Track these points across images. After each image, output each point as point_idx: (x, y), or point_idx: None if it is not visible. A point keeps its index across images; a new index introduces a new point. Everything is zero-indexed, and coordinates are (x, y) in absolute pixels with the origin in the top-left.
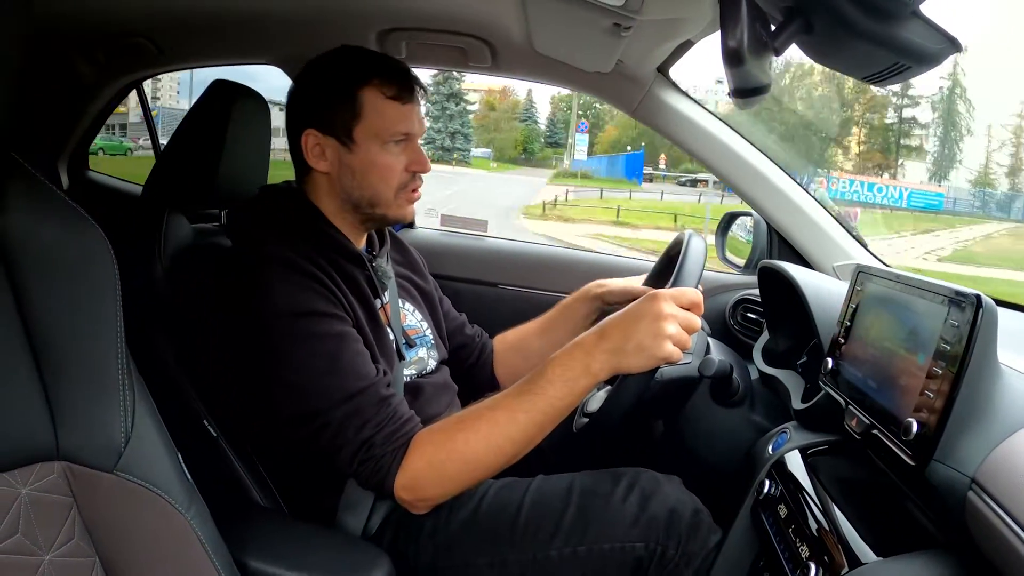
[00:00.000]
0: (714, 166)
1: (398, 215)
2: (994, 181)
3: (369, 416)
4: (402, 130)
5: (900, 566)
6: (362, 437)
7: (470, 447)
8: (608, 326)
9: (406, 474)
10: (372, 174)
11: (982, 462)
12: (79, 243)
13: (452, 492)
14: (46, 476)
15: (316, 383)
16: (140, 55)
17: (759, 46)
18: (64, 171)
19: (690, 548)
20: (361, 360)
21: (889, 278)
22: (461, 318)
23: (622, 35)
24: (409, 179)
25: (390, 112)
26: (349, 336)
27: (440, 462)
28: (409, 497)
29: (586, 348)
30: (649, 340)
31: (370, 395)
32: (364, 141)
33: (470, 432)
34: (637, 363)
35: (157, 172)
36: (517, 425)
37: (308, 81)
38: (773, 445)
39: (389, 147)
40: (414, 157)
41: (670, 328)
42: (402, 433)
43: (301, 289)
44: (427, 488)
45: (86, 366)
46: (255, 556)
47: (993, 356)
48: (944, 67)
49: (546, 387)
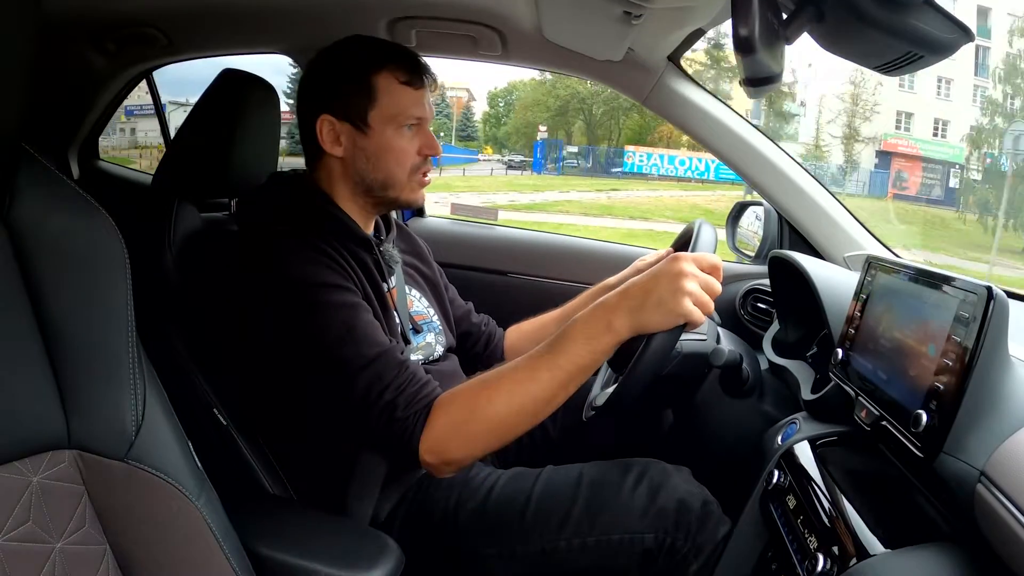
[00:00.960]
0: (725, 155)
1: (410, 198)
2: (826, 154)
3: (389, 380)
4: (415, 114)
5: (908, 558)
6: (384, 401)
7: (493, 407)
8: (630, 285)
9: (430, 436)
10: (387, 158)
11: (991, 455)
12: (90, 232)
13: (477, 454)
14: (57, 464)
15: (334, 352)
16: (150, 45)
17: (770, 35)
18: (75, 161)
19: (699, 539)
20: (375, 329)
21: (900, 269)
22: (467, 306)
23: (632, 23)
24: (422, 162)
25: (404, 97)
26: (361, 307)
27: (464, 423)
28: (434, 460)
29: (608, 307)
30: (669, 296)
31: (388, 360)
32: (379, 125)
33: (493, 392)
34: (658, 319)
35: (167, 161)
36: (540, 384)
37: (321, 69)
38: (782, 436)
39: (403, 131)
40: (426, 141)
41: (690, 285)
42: (423, 395)
43: (311, 262)
44: (452, 450)
45: (97, 354)
46: (265, 544)
47: (1004, 349)
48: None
49: (568, 346)
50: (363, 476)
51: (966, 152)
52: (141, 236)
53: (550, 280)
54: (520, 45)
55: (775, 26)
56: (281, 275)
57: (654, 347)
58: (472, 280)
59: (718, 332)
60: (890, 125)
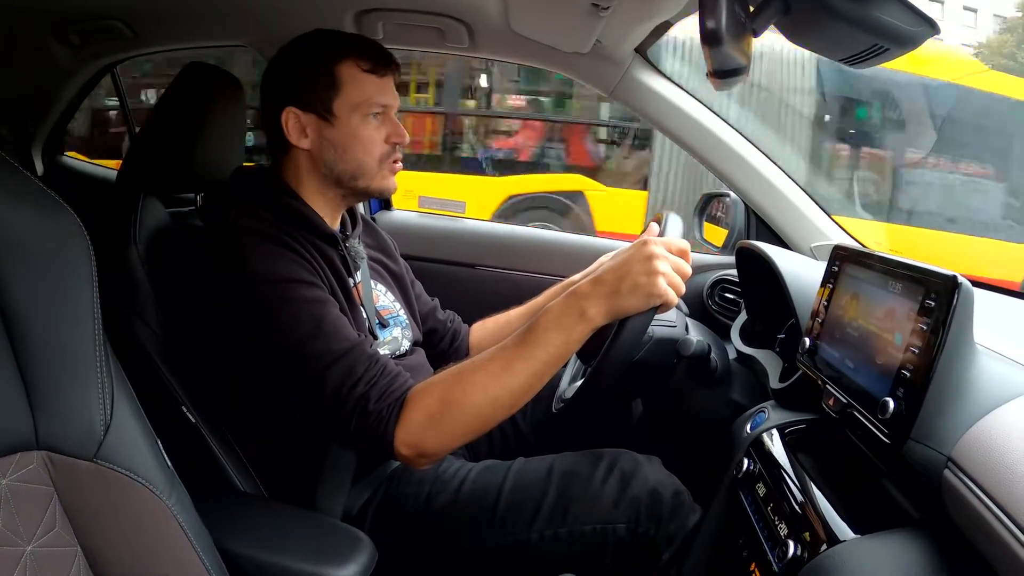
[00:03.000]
0: (692, 146)
1: (382, 186)
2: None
3: (361, 374)
4: (381, 101)
5: (878, 543)
6: (357, 394)
7: (468, 399)
8: (602, 272)
9: (405, 429)
10: (355, 147)
11: (958, 441)
12: (54, 229)
13: (452, 445)
14: (26, 466)
15: (303, 348)
16: (115, 38)
17: (738, 27)
18: (38, 157)
19: (671, 528)
20: (343, 323)
21: (867, 258)
22: (433, 302)
23: (600, 15)
24: (390, 150)
25: (368, 85)
26: (329, 302)
27: (439, 415)
28: (410, 453)
29: (581, 295)
30: (643, 279)
31: (359, 354)
32: (345, 115)
33: (467, 384)
34: (633, 303)
35: (131, 156)
36: (514, 375)
37: (284, 61)
38: (751, 424)
39: (369, 120)
40: (393, 129)
41: (663, 266)
42: (396, 387)
43: (278, 258)
44: (427, 443)
45: (63, 353)
46: (237, 542)
47: (969, 337)
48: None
49: (542, 335)
50: (334, 471)
51: None
52: (106, 232)
53: (518, 272)
54: (487, 37)
55: (742, 18)
56: (248, 272)
57: (629, 328)
58: (439, 273)
59: (686, 322)
60: None
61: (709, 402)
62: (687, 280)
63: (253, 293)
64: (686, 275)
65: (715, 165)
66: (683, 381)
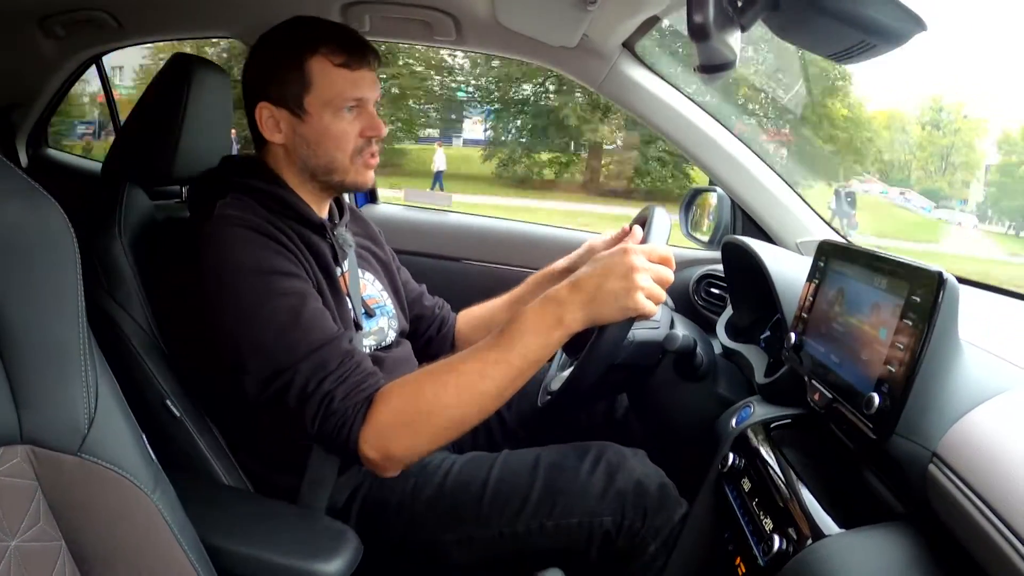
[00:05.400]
0: (679, 142)
1: (356, 180)
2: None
3: (331, 369)
4: (353, 95)
5: (863, 537)
6: (323, 391)
7: (440, 401)
8: (581, 277)
9: (371, 430)
10: (326, 142)
11: (943, 436)
12: (38, 222)
13: (421, 451)
14: (10, 460)
15: (280, 339)
16: (100, 29)
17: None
18: (23, 149)
19: (657, 521)
20: (323, 317)
21: (852, 254)
22: (420, 289)
23: (588, 9)
24: (364, 144)
25: (339, 79)
26: (310, 295)
27: (408, 417)
28: (376, 456)
29: (559, 300)
30: (622, 291)
31: (333, 349)
32: (316, 111)
33: (439, 386)
34: (610, 313)
35: (116, 148)
36: (488, 379)
37: (258, 55)
38: (737, 419)
39: (341, 114)
40: (368, 122)
41: (642, 279)
42: (365, 387)
43: (261, 248)
44: (394, 446)
45: (47, 347)
46: (222, 536)
47: (954, 332)
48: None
49: (518, 339)
50: (318, 465)
51: None
52: (91, 224)
53: (503, 266)
54: (474, 30)
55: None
56: (229, 262)
57: (606, 337)
58: (425, 266)
59: (672, 317)
60: None
61: (695, 397)
62: (669, 287)
63: (233, 283)
64: (667, 283)
65: (702, 160)
66: (669, 376)
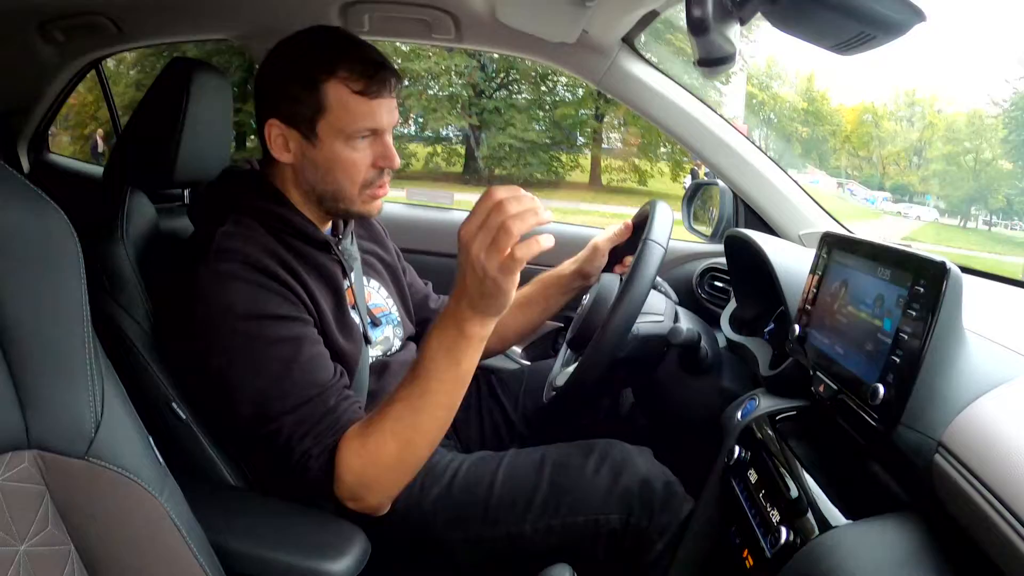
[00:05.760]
0: (680, 136)
1: (362, 211)
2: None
3: (310, 427)
4: (368, 126)
5: (869, 528)
6: (302, 449)
7: (385, 449)
8: (457, 286)
9: (342, 486)
10: (336, 170)
11: (948, 426)
12: (41, 227)
13: (392, 491)
14: (18, 465)
15: (269, 389)
16: (100, 33)
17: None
18: (24, 154)
19: (663, 518)
20: (315, 365)
21: (855, 245)
22: (426, 290)
23: (587, 5)
24: (376, 175)
25: (356, 108)
26: (306, 339)
27: (363, 470)
28: (357, 507)
29: (450, 313)
30: (481, 275)
31: (318, 404)
32: (328, 137)
33: (378, 435)
34: (495, 303)
35: (117, 153)
36: (419, 413)
37: (272, 69)
38: (742, 412)
39: (354, 143)
40: (382, 152)
41: (478, 253)
42: (328, 443)
43: (258, 289)
44: (367, 497)
45: (53, 352)
46: (230, 537)
47: (958, 322)
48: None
49: (430, 366)
50: None
51: None
52: (93, 229)
53: None
54: (474, 28)
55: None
56: (224, 306)
57: (610, 331)
58: (429, 265)
59: (676, 311)
60: None
61: (699, 390)
62: (668, 272)
63: (227, 329)
64: (509, 230)
65: (703, 154)
66: (673, 370)
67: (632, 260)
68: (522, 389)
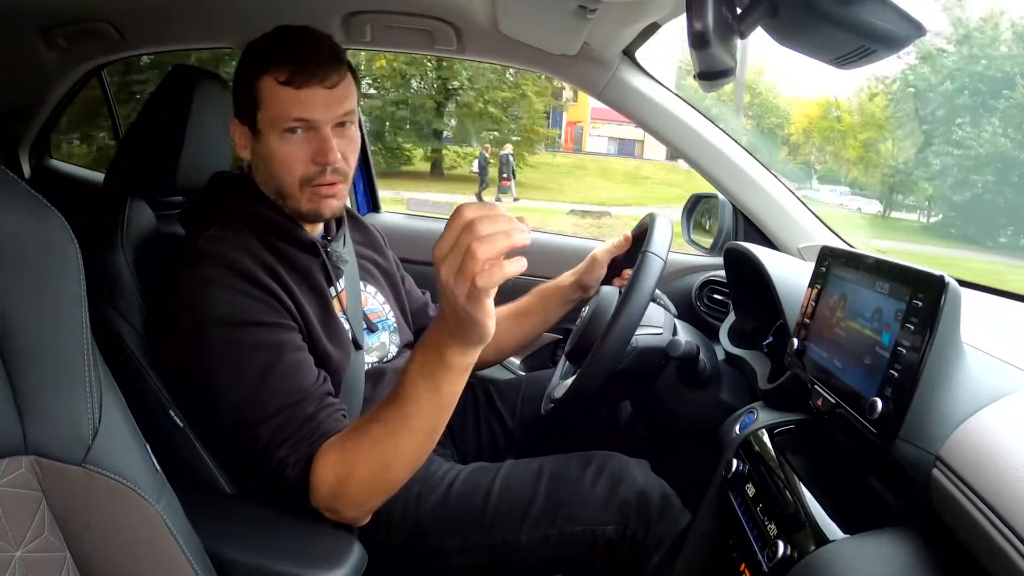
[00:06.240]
0: (680, 148)
1: (310, 209)
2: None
3: (288, 435)
4: (295, 115)
5: (867, 542)
6: (278, 457)
7: (361, 468)
8: (439, 311)
9: (317, 497)
10: (273, 164)
11: (946, 440)
12: (42, 233)
13: (368, 506)
14: (14, 471)
15: (249, 395)
16: (102, 40)
17: (725, 29)
18: (26, 160)
19: (660, 530)
20: (297, 371)
21: (854, 259)
22: (424, 298)
23: (588, 17)
24: (317, 172)
25: (282, 98)
26: (288, 345)
27: (338, 485)
28: (335, 518)
29: (432, 338)
30: (456, 306)
31: (297, 411)
32: (265, 130)
33: (355, 452)
34: (474, 332)
35: (119, 160)
36: (397, 436)
37: (236, 70)
38: (740, 425)
39: (287, 136)
40: (319, 146)
41: (448, 280)
42: (303, 454)
43: (240, 295)
44: (342, 511)
45: (51, 357)
46: (226, 545)
47: (957, 336)
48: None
49: (410, 389)
50: None
51: None
52: (94, 235)
53: None
54: (475, 39)
55: (729, 20)
56: (204, 313)
57: (609, 343)
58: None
59: (675, 323)
60: None
61: (698, 403)
62: (667, 285)
63: (207, 335)
64: (490, 249)
65: (703, 166)
66: (672, 382)
67: (631, 272)
68: (519, 399)
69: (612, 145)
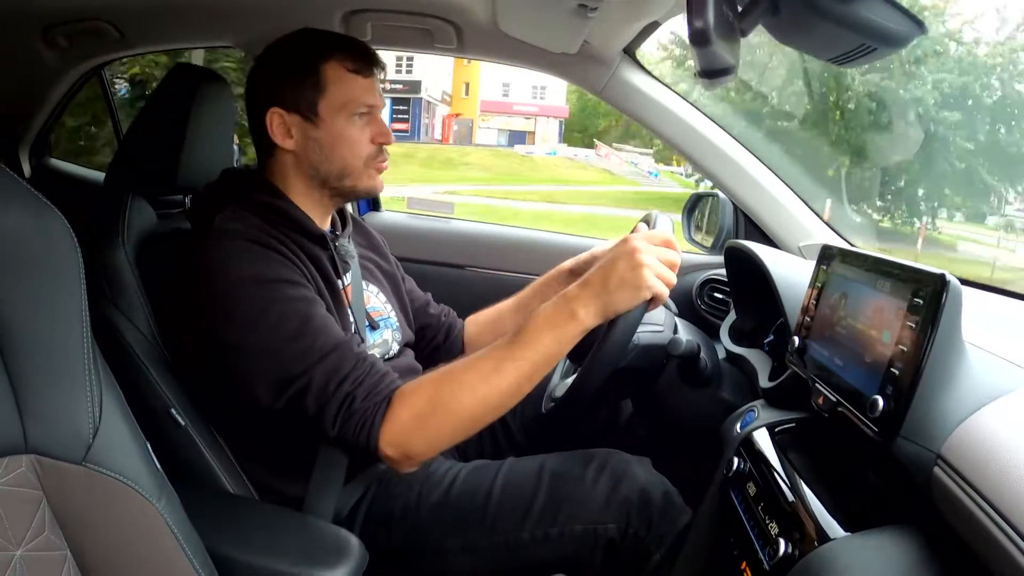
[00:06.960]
0: (680, 146)
1: (369, 186)
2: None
3: (347, 372)
4: (366, 102)
5: (868, 541)
6: (343, 392)
7: (457, 399)
8: (589, 274)
9: (391, 429)
10: (340, 147)
11: (947, 438)
12: (42, 232)
13: (439, 447)
14: (14, 470)
15: (290, 346)
16: (102, 39)
17: (726, 27)
18: (26, 159)
19: (662, 529)
20: (330, 322)
21: (854, 257)
22: (425, 297)
23: (588, 16)
24: (376, 151)
25: (353, 85)
26: (316, 301)
27: (427, 415)
28: (395, 454)
29: (570, 297)
30: (630, 273)
31: (345, 351)
32: (329, 115)
33: (456, 385)
34: (622, 299)
35: (119, 158)
36: (505, 376)
37: (270, 61)
38: (741, 423)
39: (354, 120)
40: (379, 129)
41: (647, 259)
42: (383, 386)
43: (261, 259)
44: (413, 443)
45: (51, 357)
46: (227, 544)
47: (958, 334)
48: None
49: (533, 336)
50: (324, 473)
51: None
52: (94, 234)
53: (507, 273)
54: (476, 38)
55: (730, 18)
56: (234, 274)
57: (610, 340)
58: (429, 274)
59: (675, 322)
60: None
61: (699, 402)
62: (677, 269)
63: (240, 294)
64: (674, 264)
65: (703, 165)
66: (673, 381)
67: None
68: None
69: (502, 136)
